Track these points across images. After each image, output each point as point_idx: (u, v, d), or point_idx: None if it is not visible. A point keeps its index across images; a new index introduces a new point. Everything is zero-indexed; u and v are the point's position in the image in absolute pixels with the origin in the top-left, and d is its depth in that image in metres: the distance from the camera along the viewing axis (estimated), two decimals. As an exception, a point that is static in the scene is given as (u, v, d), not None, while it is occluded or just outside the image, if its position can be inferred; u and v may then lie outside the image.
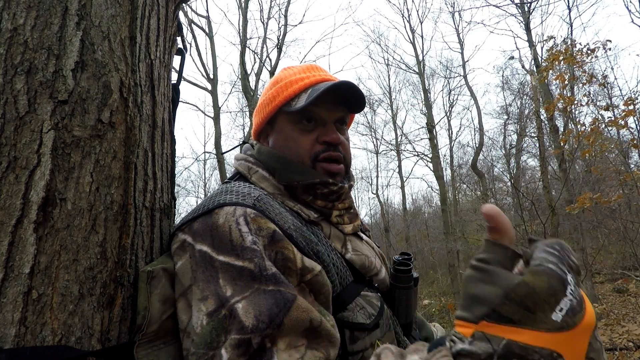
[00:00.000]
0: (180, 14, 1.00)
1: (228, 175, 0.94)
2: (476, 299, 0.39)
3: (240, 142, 1.02)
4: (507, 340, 0.37)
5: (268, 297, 0.60)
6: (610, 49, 5.36)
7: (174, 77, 0.91)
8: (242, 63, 10.32)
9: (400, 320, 0.85)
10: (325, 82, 0.84)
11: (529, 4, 10.04)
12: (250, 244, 0.64)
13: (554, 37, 5.82)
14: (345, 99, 0.86)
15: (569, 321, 0.37)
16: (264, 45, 11.21)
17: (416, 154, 16.48)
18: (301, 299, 0.62)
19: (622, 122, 4.78)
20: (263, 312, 0.58)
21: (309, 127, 0.85)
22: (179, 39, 0.93)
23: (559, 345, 0.36)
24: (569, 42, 5.53)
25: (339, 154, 0.86)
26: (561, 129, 9.94)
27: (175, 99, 0.90)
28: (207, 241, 0.66)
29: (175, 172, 0.88)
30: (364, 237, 0.94)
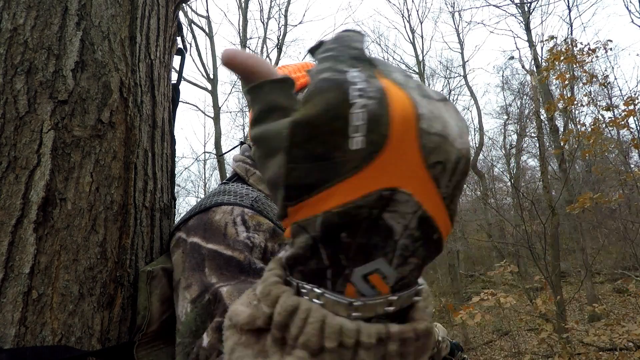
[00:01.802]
0: (180, 14, 1.00)
1: (228, 176, 0.94)
2: (271, 184, 0.28)
3: (238, 143, 1.02)
4: (321, 215, 0.25)
5: None
6: (611, 49, 5.36)
7: (174, 77, 0.91)
8: (242, 63, 10.30)
9: None
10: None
11: (529, 4, 10.04)
12: (244, 239, 0.63)
13: (555, 37, 5.82)
14: None
15: (374, 137, 0.23)
16: (264, 45, 11.22)
17: (416, 154, 16.43)
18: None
19: (623, 122, 4.78)
20: None
21: None
22: (179, 39, 0.93)
23: (381, 178, 0.24)
24: (570, 42, 5.53)
25: None
26: (561, 129, 9.94)
27: (175, 99, 0.89)
28: (199, 234, 0.65)
29: (175, 172, 0.88)
30: None
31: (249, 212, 0.68)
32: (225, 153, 1.55)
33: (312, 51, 0.30)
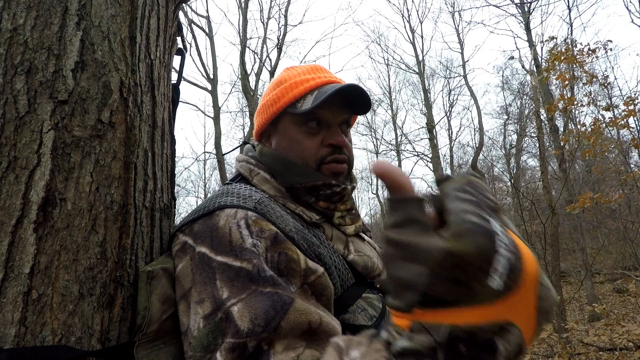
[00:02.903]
0: (180, 14, 1.00)
1: (228, 176, 0.95)
2: (402, 284, 0.33)
3: (241, 143, 1.02)
4: (449, 326, 0.31)
5: (265, 299, 0.59)
6: (611, 49, 5.36)
7: (174, 77, 0.91)
8: (242, 63, 10.32)
9: None
10: (331, 84, 0.83)
11: (529, 4, 10.03)
12: (250, 246, 0.64)
13: (555, 38, 5.82)
14: (350, 101, 0.85)
15: (510, 283, 0.31)
16: (264, 45, 11.22)
17: (416, 154, 16.48)
18: (299, 302, 0.61)
19: (623, 122, 4.78)
20: (259, 316, 0.57)
21: (314, 130, 0.84)
22: (179, 39, 0.93)
23: (506, 313, 0.32)
24: (570, 42, 5.52)
25: (344, 156, 0.85)
26: (561, 129, 9.94)
27: (175, 99, 0.89)
28: (206, 243, 0.65)
29: (175, 172, 0.88)
30: (366, 237, 0.94)
31: (252, 215, 0.68)
32: (227, 153, 1.58)
33: (439, 182, 0.37)
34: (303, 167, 0.82)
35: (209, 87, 10.86)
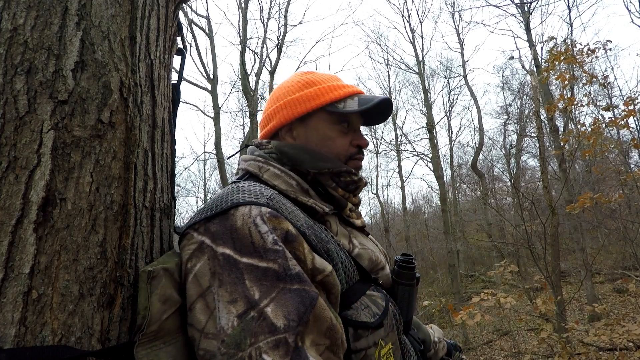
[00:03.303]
0: (180, 14, 1.00)
1: (228, 176, 0.96)
2: None
3: (242, 146, 1.07)
4: None
5: (294, 296, 0.62)
6: (610, 49, 5.35)
7: (174, 77, 0.91)
8: (242, 63, 10.32)
9: (402, 317, 0.87)
10: (363, 94, 0.95)
11: (529, 4, 10.03)
12: (272, 245, 0.66)
13: (555, 38, 5.82)
14: (377, 112, 0.96)
15: None
16: (264, 45, 11.22)
17: (416, 154, 16.48)
18: (322, 298, 0.65)
19: (623, 122, 4.78)
20: (291, 312, 0.61)
21: (346, 130, 0.94)
22: (179, 39, 0.93)
23: None
24: (569, 42, 5.52)
25: (363, 155, 0.98)
26: (561, 129, 9.94)
27: (175, 99, 0.90)
28: (228, 244, 0.66)
29: (175, 172, 0.88)
30: (370, 234, 0.98)
31: (267, 212, 0.70)
32: (231, 157, 1.64)
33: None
34: (331, 157, 0.90)
35: (209, 87, 10.86)
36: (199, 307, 0.64)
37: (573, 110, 5.66)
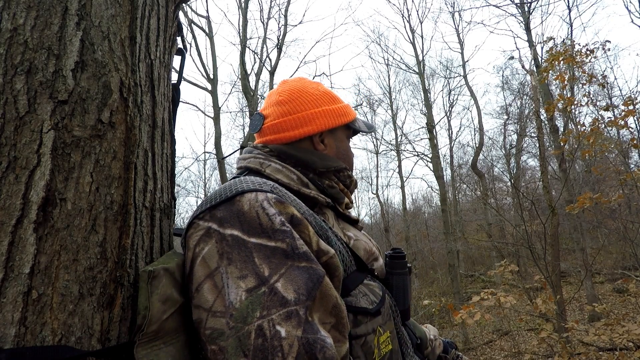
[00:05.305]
0: (180, 14, 1.00)
1: (228, 176, 0.98)
2: None
3: (240, 147, 1.11)
4: None
5: (302, 272, 0.64)
6: (609, 50, 5.35)
7: (174, 77, 0.91)
8: (242, 63, 10.32)
9: (399, 307, 0.90)
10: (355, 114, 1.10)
11: (529, 4, 10.04)
12: (280, 226, 0.68)
13: (554, 38, 5.82)
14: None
15: None
16: (264, 45, 11.22)
17: (416, 154, 16.49)
18: (327, 278, 0.67)
19: (622, 122, 4.78)
20: (301, 286, 0.63)
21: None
22: (179, 39, 0.93)
23: None
24: (569, 43, 5.53)
25: None
26: (561, 129, 9.94)
27: (175, 99, 0.90)
28: (236, 226, 0.68)
29: (175, 172, 0.88)
30: (362, 230, 1.03)
31: (272, 197, 0.71)
32: (228, 156, 1.73)
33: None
34: (338, 162, 0.99)
35: (209, 87, 10.86)
36: (207, 287, 0.65)
37: (573, 110, 5.66)
